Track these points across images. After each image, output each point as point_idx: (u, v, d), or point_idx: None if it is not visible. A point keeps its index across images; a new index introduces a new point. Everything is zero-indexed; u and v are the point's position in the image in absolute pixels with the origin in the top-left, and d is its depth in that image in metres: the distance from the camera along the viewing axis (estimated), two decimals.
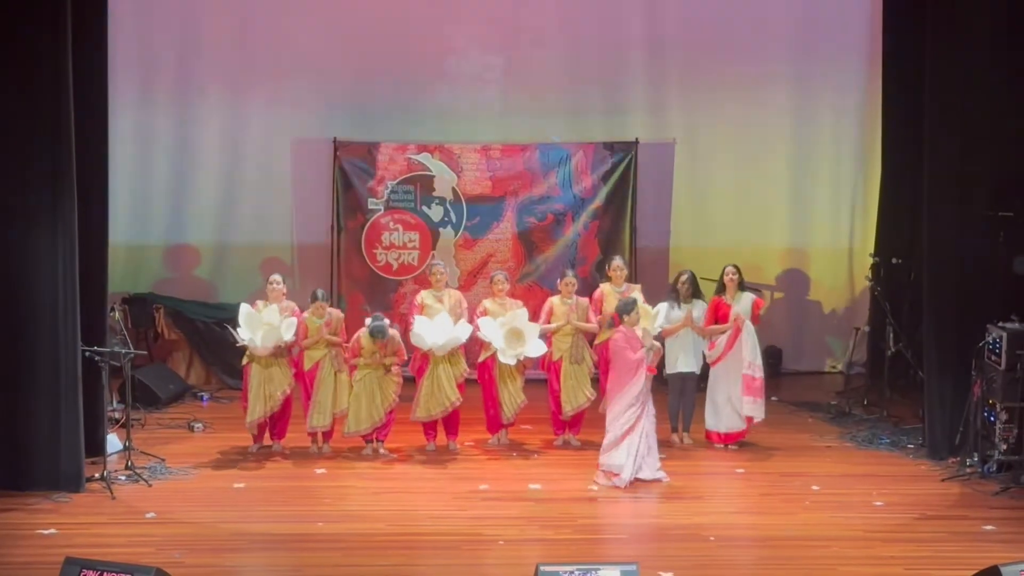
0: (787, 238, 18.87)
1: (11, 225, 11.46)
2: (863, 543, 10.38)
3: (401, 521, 10.97)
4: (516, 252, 17.83)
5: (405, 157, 17.74)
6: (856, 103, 18.61)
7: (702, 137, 18.63)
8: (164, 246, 18.42)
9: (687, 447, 13.78)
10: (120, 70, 16.91)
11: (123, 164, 17.64)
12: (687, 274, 13.96)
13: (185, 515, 11.07)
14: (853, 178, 18.77)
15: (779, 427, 14.65)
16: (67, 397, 11.63)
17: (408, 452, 13.40)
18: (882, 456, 13.52)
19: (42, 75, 11.44)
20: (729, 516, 11.32)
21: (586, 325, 13.61)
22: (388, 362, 13.18)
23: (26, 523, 10.69)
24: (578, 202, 17.82)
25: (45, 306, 11.53)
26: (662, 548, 10.22)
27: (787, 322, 18.86)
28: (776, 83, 18.60)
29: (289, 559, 9.94)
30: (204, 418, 14.94)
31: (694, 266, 14.86)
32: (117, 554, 9.39)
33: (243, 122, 18.31)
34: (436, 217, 17.80)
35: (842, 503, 11.59)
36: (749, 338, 13.61)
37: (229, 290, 18.02)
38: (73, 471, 11.68)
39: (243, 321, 13.12)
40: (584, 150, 17.87)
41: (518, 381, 13.49)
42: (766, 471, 12.86)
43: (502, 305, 13.56)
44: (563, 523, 10.95)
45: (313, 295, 13.46)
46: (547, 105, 18.47)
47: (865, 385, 16.64)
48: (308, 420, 13.29)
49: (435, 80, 18.35)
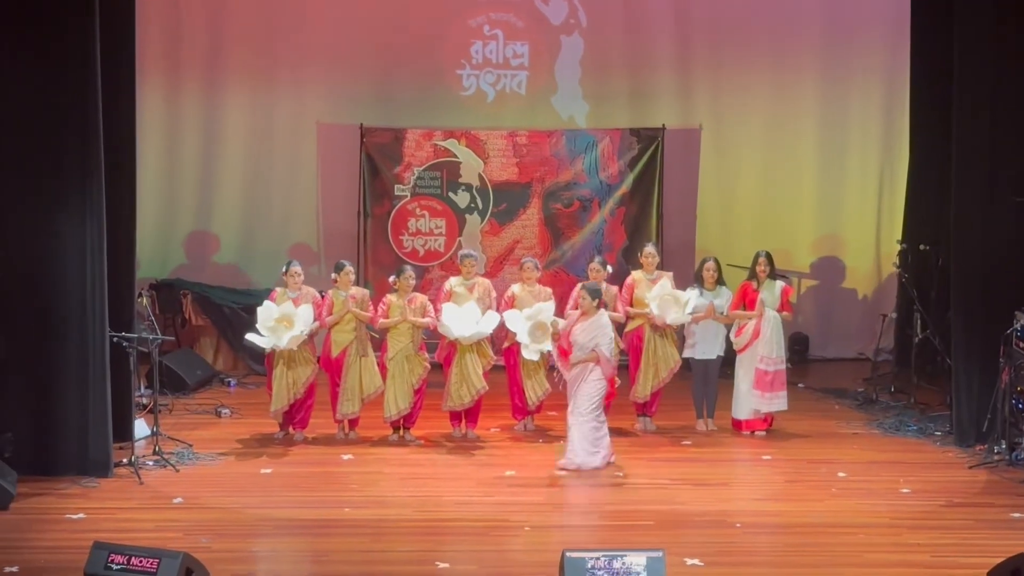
0: (814, 224, 18.86)
1: (40, 212, 11.50)
2: (890, 530, 10.35)
3: (427, 507, 10.99)
4: (542, 238, 17.84)
5: (431, 143, 17.78)
6: (884, 88, 18.57)
7: (729, 123, 18.63)
8: (191, 232, 18.50)
9: (712, 433, 13.76)
10: (148, 57, 17.00)
11: (151, 151, 17.74)
12: (711, 261, 13.93)
13: (212, 500, 11.11)
14: (880, 164, 18.75)
15: (805, 414, 14.63)
16: (95, 383, 11.67)
17: (434, 439, 13.42)
18: (909, 443, 13.48)
19: (70, 63, 11.46)
20: (755, 503, 11.30)
21: (612, 314, 13.58)
22: (417, 321, 13.17)
23: (55, 508, 10.74)
24: (605, 188, 17.83)
25: (74, 292, 11.58)
26: (688, 535, 10.21)
27: (814, 309, 18.85)
28: (803, 69, 18.58)
29: (315, 544, 9.96)
30: (231, 404, 15.00)
31: (720, 252, 14.87)
32: (145, 539, 9.43)
33: (269, 109, 18.38)
34: (463, 203, 17.84)
35: (869, 490, 11.56)
36: (770, 329, 13.56)
37: (256, 276, 18.10)
38: (101, 456, 11.72)
39: (264, 328, 13.07)
40: (611, 136, 17.87)
41: (541, 370, 13.46)
42: (792, 458, 12.84)
43: (530, 292, 13.52)
44: (589, 509, 10.96)
45: (338, 264, 13.47)
46: (573, 91, 18.48)
47: (892, 372, 16.61)
48: (338, 407, 13.31)
49: (461, 66, 18.37)
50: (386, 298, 13.33)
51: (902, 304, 16.85)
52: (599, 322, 12.31)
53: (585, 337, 12.22)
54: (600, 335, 12.25)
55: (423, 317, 13.21)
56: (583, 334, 12.23)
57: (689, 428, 13.87)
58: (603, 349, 12.21)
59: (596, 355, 12.19)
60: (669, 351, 13.72)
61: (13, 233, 11.50)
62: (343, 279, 13.30)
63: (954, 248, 13.44)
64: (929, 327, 15.51)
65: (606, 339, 12.31)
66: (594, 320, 12.29)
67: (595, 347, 12.19)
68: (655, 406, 13.92)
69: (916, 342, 15.48)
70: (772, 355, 13.56)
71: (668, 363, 13.70)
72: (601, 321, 12.35)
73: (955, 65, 13.28)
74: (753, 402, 13.62)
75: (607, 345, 12.29)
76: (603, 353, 12.20)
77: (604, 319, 12.43)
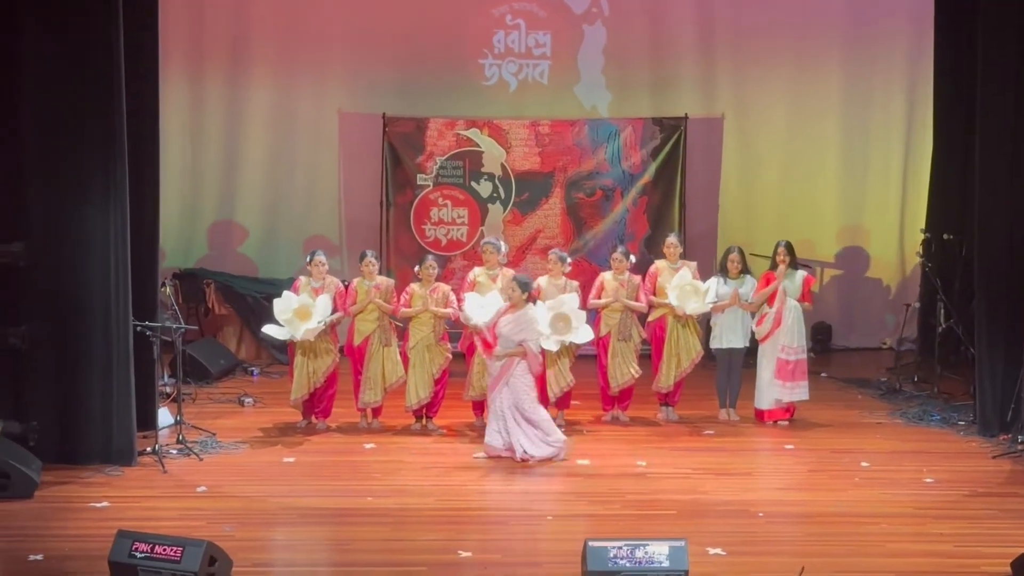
0: (837, 213, 18.84)
1: (64, 202, 11.53)
2: (913, 520, 10.32)
3: (449, 496, 10.99)
4: (565, 228, 17.85)
5: (454, 133, 17.79)
6: (907, 77, 18.53)
7: (751, 112, 18.61)
8: (215, 222, 18.54)
9: (735, 423, 13.75)
10: (171, 46, 17.03)
11: (174, 140, 17.79)
12: (736, 250, 13.91)
13: (235, 489, 11.13)
14: (904, 153, 18.71)
15: (828, 403, 14.61)
16: (119, 372, 11.71)
17: (457, 428, 13.43)
18: (932, 433, 13.45)
19: (94, 50, 11.47)
20: (778, 492, 11.28)
21: (634, 304, 13.56)
22: (438, 311, 13.17)
23: (79, 496, 10.77)
24: (627, 178, 17.82)
25: (98, 281, 11.60)
26: (710, 524, 10.20)
27: (837, 298, 18.83)
28: (826, 58, 18.55)
29: (338, 533, 9.98)
30: (254, 392, 15.04)
31: (743, 242, 14.84)
32: (168, 527, 9.46)
33: (292, 98, 18.42)
34: (485, 193, 17.85)
35: (892, 480, 11.53)
36: (791, 318, 13.53)
37: (278, 265, 18.13)
38: (125, 445, 11.75)
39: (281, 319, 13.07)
40: (633, 126, 17.86)
41: (566, 360, 13.43)
42: (815, 447, 12.82)
43: (555, 285, 13.48)
44: (611, 499, 10.95)
45: (362, 254, 13.49)
46: (596, 80, 18.47)
47: (915, 361, 16.56)
48: (360, 396, 13.33)
49: (483, 56, 18.37)
50: (409, 287, 13.35)
51: (926, 293, 16.81)
52: (527, 316, 12.20)
53: (512, 330, 12.09)
54: (527, 329, 12.15)
55: (445, 307, 13.21)
56: (510, 327, 12.09)
57: (711, 418, 13.86)
58: (530, 344, 12.12)
59: (522, 349, 12.09)
60: (691, 341, 13.70)
61: (37, 223, 11.51)
62: (366, 268, 13.31)
63: (978, 237, 13.38)
64: (953, 316, 15.46)
65: (533, 334, 12.21)
66: (522, 313, 12.17)
67: (522, 341, 12.08)
68: (677, 396, 13.92)
69: (940, 331, 15.42)
70: (793, 344, 13.54)
71: (690, 353, 13.68)
72: (529, 315, 12.24)
73: (979, 53, 13.22)
74: (775, 392, 13.60)
75: (534, 340, 12.19)
76: (530, 348, 12.11)
77: (532, 313, 12.34)
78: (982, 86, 13.16)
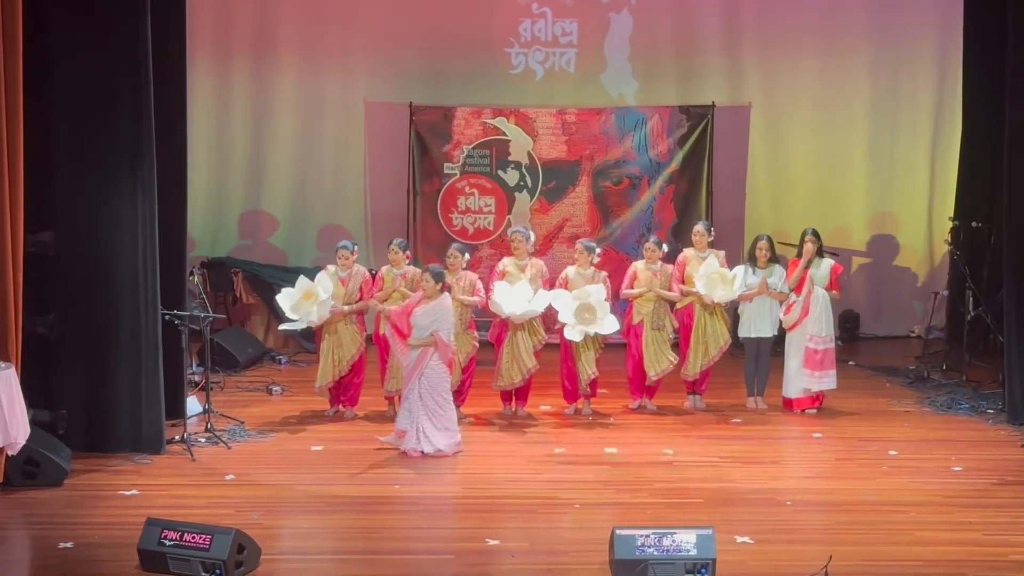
0: (865, 202, 18.78)
1: (92, 191, 11.57)
2: (941, 508, 10.30)
3: (477, 484, 11.02)
4: (592, 216, 17.84)
5: (481, 121, 17.79)
6: (935, 65, 18.45)
7: (778, 100, 18.56)
8: (242, 211, 18.58)
9: (762, 411, 13.73)
10: (198, 36, 17.06)
11: (201, 129, 17.83)
12: (764, 239, 13.88)
13: (264, 477, 11.17)
14: (932, 140, 18.63)
15: (856, 392, 14.58)
16: (148, 360, 11.76)
17: (485, 417, 13.44)
18: (961, 421, 13.41)
19: (121, 41, 11.50)
20: (805, 481, 11.27)
21: (667, 293, 13.54)
22: (464, 300, 13.17)
23: (108, 484, 10.82)
24: (654, 166, 17.81)
25: (126, 270, 11.65)
26: (738, 512, 10.20)
27: (864, 286, 18.78)
28: (853, 46, 18.47)
29: (366, 521, 10.00)
30: (282, 381, 15.07)
31: (771, 230, 14.82)
32: (197, 515, 9.50)
33: (319, 88, 18.42)
34: (512, 181, 17.85)
35: (920, 468, 11.51)
36: (818, 307, 13.50)
37: (306, 255, 18.16)
38: (154, 433, 11.81)
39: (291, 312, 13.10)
40: (660, 114, 17.83)
41: (591, 353, 13.43)
42: (843, 436, 12.79)
43: (583, 276, 13.45)
44: (639, 487, 10.95)
45: (390, 242, 13.52)
46: (623, 69, 18.44)
47: (944, 349, 16.50)
48: (384, 384, 13.35)
49: (510, 44, 18.36)
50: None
51: (954, 281, 16.74)
52: (441, 305, 12.10)
53: (426, 320, 11.97)
54: (441, 319, 12.04)
55: (472, 295, 13.21)
56: (424, 317, 11.98)
57: (739, 406, 13.84)
58: (442, 334, 12.01)
59: (435, 339, 11.99)
60: (719, 330, 13.68)
61: (65, 212, 11.56)
62: (392, 256, 13.33)
63: (1007, 225, 13.33)
64: (981, 304, 15.40)
65: (446, 323, 12.10)
66: (436, 303, 12.07)
67: (434, 331, 11.98)
68: (704, 384, 13.91)
69: (968, 319, 15.36)
70: (821, 333, 13.50)
71: (718, 341, 13.66)
72: (443, 304, 12.14)
73: (1008, 40, 13.15)
74: (803, 381, 13.57)
75: (446, 330, 12.08)
76: (441, 338, 12.00)
77: (447, 302, 12.23)
78: (1011, 74, 13.10)
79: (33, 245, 11.14)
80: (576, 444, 12.40)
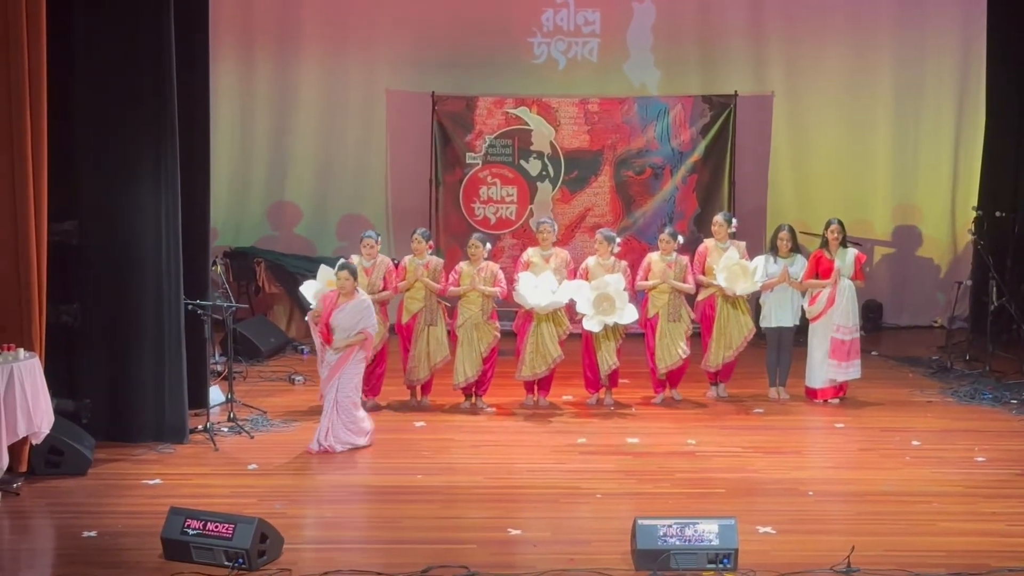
0: (889, 191, 18.72)
1: (116, 180, 11.59)
2: (964, 499, 10.28)
3: (499, 474, 11.02)
4: (614, 206, 17.83)
5: (503, 111, 17.78)
6: (959, 55, 18.37)
7: (801, 90, 18.51)
8: (263, 200, 18.61)
9: (784, 402, 13.71)
10: (221, 27, 17.08)
11: (224, 119, 17.86)
12: (786, 229, 13.85)
13: (286, 467, 11.20)
14: (956, 131, 18.55)
15: (879, 382, 14.55)
16: (171, 350, 11.79)
17: (507, 406, 13.45)
18: (984, 411, 13.38)
19: (145, 32, 11.52)
20: (828, 471, 11.26)
21: (681, 285, 13.48)
22: (485, 290, 13.18)
23: (132, 473, 10.86)
24: (676, 156, 17.78)
25: (149, 260, 11.67)
26: (760, 503, 10.19)
27: (888, 276, 18.72)
28: (877, 35, 18.41)
29: (388, 511, 10.01)
30: (304, 371, 15.09)
31: (793, 220, 14.81)
32: (220, 504, 9.53)
33: (341, 78, 18.43)
34: (534, 171, 17.85)
35: (943, 458, 11.48)
36: (844, 298, 13.46)
37: (327, 244, 18.19)
38: (177, 423, 11.84)
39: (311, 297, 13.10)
40: (682, 103, 17.80)
41: (611, 343, 13.41)
42: (865, 426, 12.77)
43: (603, 266, 13.43)
44: (661, 477, 10.95)
45: (413, 231, 13.54)
46: (645, 58, 18.40)
47: (967, 340, 16.46)
48: (406, 374, 13.37)
49: (532, 34, 18.34)
50: (458, 266, 13.37)
51: (977, 271, 16.70)
52: (362, 303, 11.84)
53: (350, 320, 11.71)
54: (365, 315, 11.81)
55: (493, 286, 13.22)
56: (348, 317, 11.71)
57: (761, 396, 13.82)
58: (370, 329, 11.81)
59: (364, 336, 11.77)
60: (742, 320, 13.63)
61: (90, 202, 11.59)
62: (415, 246, 13.34)
63: None
64: (1005, 294, 15.35)
65: (372, 319, 11.90)
66: (356, 302, 11.80)
67: (363, 328, 11.74)
68: (730, 373, 13.90)
69: (992, 309, 15.32)
70: (848, 324, 13.47)
71: (741, 331, 13.62)
72: (364, 301, 11.88)
73: None
74: (829, 371, 13.54)
75: (372, 325, 11.89)
76: (370, 334, 11.83)
77: (366, 298, 11.99)
78: None
79: (57, 234, 11.19)
80: (598, 434, 12.40)
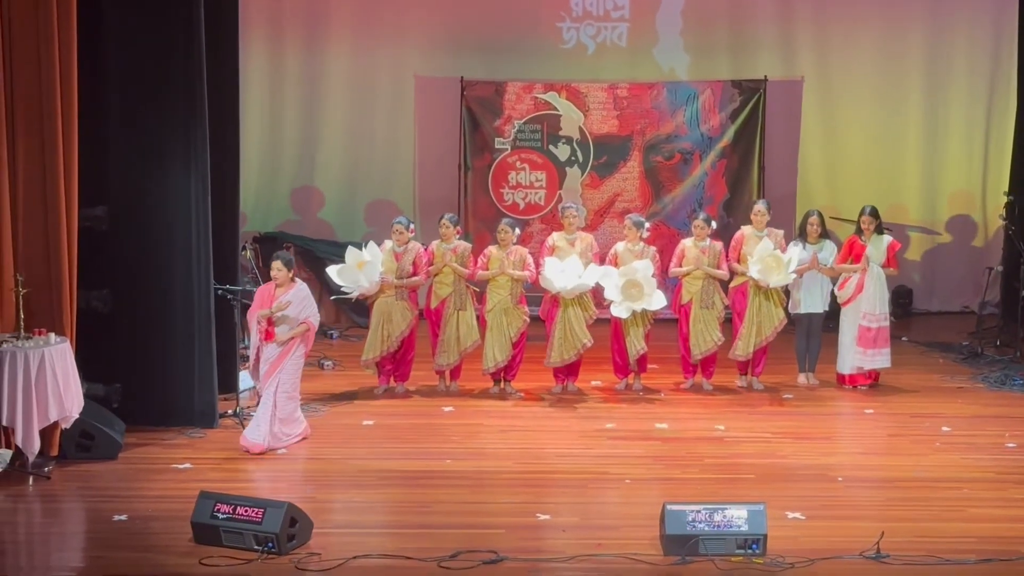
0: (920, 177, 18.65)
1: (145, 166, 11.63)
2: (994, 485, 10.25)
3: (528, 459, 11.03)
4: (643, 191, 17.80)
5: (532, 96, 17.77)
6: (991, 39, 18.29)
7: (832, 74, 18.45)
8: (295, 186, 18.63)
9: (814, 387, 13.68)
10: (250, 13, 17.09)
11: (253, 103, 17.88)
12: (815, 214, 13.80)
13: (315, 451, 11.24)
14: (986, 115, 18.48)
15: (909, 368, 14.50)
16: (201, 335, 11.82)
17: (535, 392, 13.45)
18: (1014, 397, 13.33)
19: (174, 17, 11.55)
20: (857, 457, 11.23)
21: (715, 272, 13.44)
22: (514, 274, 13.18)
23: (162, 458, 10.91)
24: (706, 141, 17.74)
25: (179, 245, 11.71)
26: (789, 488, 10.17)
27: (918, 261, 18.66)
28: (908, 19, 18.34)
29: (417, 495, 10.03)
30: (334, 356, 15.13)
31: (823, 205, 14.76)
32: (250, 488, 9.58)
33: (369, 63, 18.41)
34: (563, 156, 17.83)
35: (973, 444, 11.45)
36: (873, 285, 13.39)
37: (355, 230, 18.19)
38: (207, 407, 11.89)
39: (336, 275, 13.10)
40: (712, 88, 17.76)
41: (640, 329, 13.39)
42: (895, 412, 12.74)
43: (632, 251, 13.40)
44: (689, 462, 10.94)
45: (441, 216, 13.55)
46: (674, 43, 18.35)
47: (998, 325, 16.38)
48: (435, 359, 13.39)
49: (561, 19, 18.31)
50: (487, 251, 13.37)
51: (1008, 257, 16.60)
52: (301, 291, 11.65)
53: (293, 310, 11.48)
54: (307, 304, 11.62)
55: (522, 270, 13.21)
56: (290, 308, 11.48)
57: (790, 382, 13.79)
58: (312, 319, 11.62)
59: (307, 326, 11.58)
60: (774, 309, 13.53)
61: (120, 188, 11.64)
62: (443, 231, 13.34)
63: None
64: None
65: (313, 307, 11.70)
66: (296, 291, 11.60)
67: (306, 319, 11.54)
68: (761, 366, 13.75)
69: (1023, 295, 15.24)
70: (875, 311, 13.40)
71: (772, 321, 13.52)
72: (303, 289, 11.70)
73: None
74: (856, 359, 13.49)
75: (315, 315, 11.70)
76: (313, 324, 11.64)
77: (304, 287, 11.78)
78: None
79: (87, 220, 11.24)
80: (627, 419, 12.39)
